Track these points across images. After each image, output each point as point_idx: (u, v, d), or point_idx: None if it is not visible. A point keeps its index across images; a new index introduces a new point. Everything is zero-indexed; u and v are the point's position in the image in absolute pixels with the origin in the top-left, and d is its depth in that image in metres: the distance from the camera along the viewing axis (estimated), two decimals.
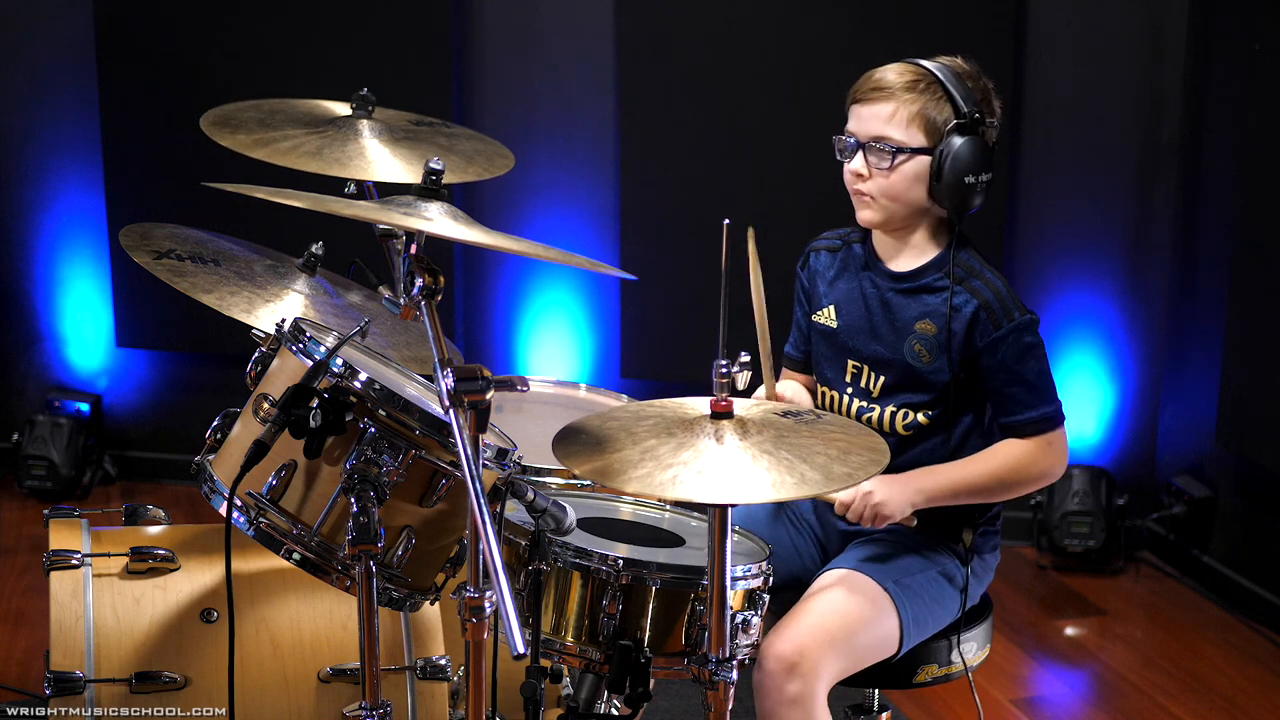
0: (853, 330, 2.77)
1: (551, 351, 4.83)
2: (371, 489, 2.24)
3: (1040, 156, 4.56)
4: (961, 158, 2.63)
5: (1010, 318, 2.66)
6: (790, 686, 2.51)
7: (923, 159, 2.65)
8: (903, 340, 2.71)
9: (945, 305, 2.68)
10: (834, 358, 2.80)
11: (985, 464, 2.70)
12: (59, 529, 2.68)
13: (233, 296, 2.73)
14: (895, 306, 2.73)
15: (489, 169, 2.98)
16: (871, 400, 2.74)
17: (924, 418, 2.71)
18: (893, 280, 2.74)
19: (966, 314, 2.67)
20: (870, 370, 2.75)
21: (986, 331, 2.66)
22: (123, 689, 2.51)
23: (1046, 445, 2.70)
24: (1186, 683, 3.95)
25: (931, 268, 2.72)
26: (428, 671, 2.63)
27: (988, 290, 2.68)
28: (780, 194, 4.55)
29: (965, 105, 2.64)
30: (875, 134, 2.66)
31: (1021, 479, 2.70)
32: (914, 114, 2.64)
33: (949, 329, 2.67)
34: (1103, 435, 4.69)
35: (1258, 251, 4.20)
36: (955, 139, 2.63)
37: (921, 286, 2.72)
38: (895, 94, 2.65)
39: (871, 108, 2.67)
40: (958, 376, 2.68)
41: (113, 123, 4.70)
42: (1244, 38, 4.23)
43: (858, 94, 2.70)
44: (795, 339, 2.91)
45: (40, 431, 4.78)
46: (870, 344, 2.75)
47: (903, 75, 2.66)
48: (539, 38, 4.70)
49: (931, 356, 2.69)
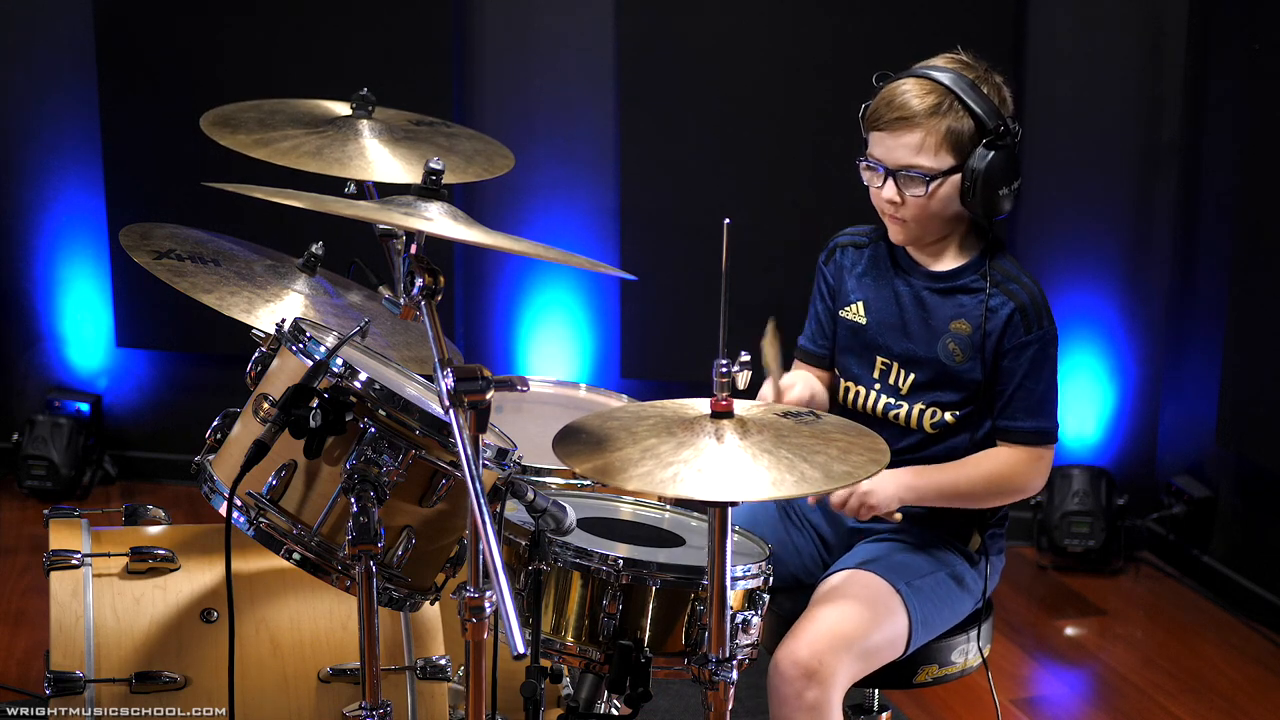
0: (883, 327, 2.77)
1: (551, 351, 4.83)
2: (371, 489, 2.24)
3: (1040, 156, 4.56)
4: (992, 172, 2.62)
5: (1040, 325, 2.68)
6: (809, 694, 2.51)
7: (955, 178, 2.64)
8: (936, 339, 2.71)
9: (981, 306, 2.68)
10: (861, 353, 2.80)
11: (976, 469, 2.71)
12: (59, 529, 2.68)
13: (233, 296, 2.73)
14: (930, 305, 2.73)
15: (489, 169, 2.98)
16: (900, 397, 2.75)
17: (951, 417, 2.72)
18: (929, 279, 2.74)
19: (1002, 315, 2.67)
20: (900, 367, 2.75)
21: (1017, 333, 2.67)
22: (123, 689, 2.51)
23: (1037, 459, 2.71)
24: (1186, 683, 3.95)
25: (969, 269, 2.72)
26: (428, 671, 2.63)
27: (1024, 294, 2.68)
28: (780, 194, 4.55)
29: (988, 119, 2.62)
30: (905, 163, 2.64)
31: (1007, 488, 2.72)
32: (941, 138, 2.62)
33: (984, 329, 2.67)
34: (1103, 435, 4.69)
35: (1258, 251, 4.20)
36: (983, 154, 2.62)
37: (958, 287, 2.72)
38: (921, 121, 2.62)
39: (898, 137, 2.64)
40: (989, 377, 2.69)
41: (113, 123, 4.69)
42: (1244, 38, 4.23)
43: (881, 121, 2.66)
44: (812, 332, 2.89)
45: (40, 431, 4.78)
46: (902, 341, 2.75)
47: (924, 99, 2.62)
48: (539, 38, 4.70)
49: (965, 356, 2.69)
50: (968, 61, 2.68)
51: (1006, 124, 2.64)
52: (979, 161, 2.62)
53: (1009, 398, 2.69)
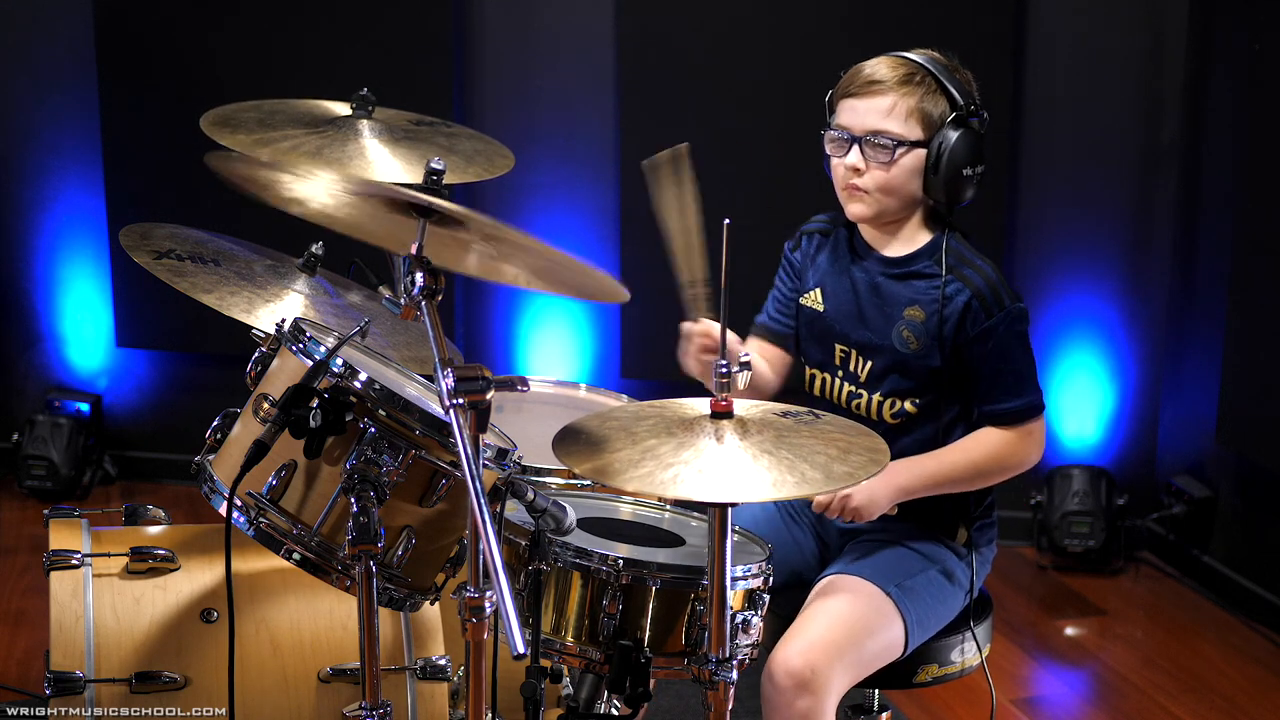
0: (840, 315, 2.77)
1: (551, 351, 4.83)
2: (371, 489, 2.24)
3: (1040, 157, 4.56)
4: (958, 150, 2.64)
5: (1001, 306, 2.67)
6: (801, 702, 2.51)
7: (919, 152, 2.66)
8: (891, 326, 2.72)
9: (935, 291, 2.68)
10: (821, 341, 2.80)
11: (965, 454, 2.70)
12: (59, 529, 2.68)
13: (233, 296, 2.73)
14: (885, 291, 2.73)
15: (489, 169, 2.98)
16: (859, 385, 2.75)
17: (911, 406, 2.71)
18: (883, 265, 2.75)
19: (959, 303, 2.67)
20: (858, 355, 2.75)
21: (979, 320, 2.67)
22: (123, 689, 2.51)
23: (1027, 435, 2.71)
24: (1186, 683, 3.95)
25: (923, 254, 2.72)
26: (428, 671, 2.63)
27: (978, 278, 2.68)
28: (780, 193, 4.55)
29: (960, 98, 2.66)
30: (873, 128, 2.67)
31: (1000, 468, 2.71)
32: (912, 107, 2.65)
33: (941, 316, 2.67)
34: (1103, 435, 4.69)
35: (1258, 252, 4.20)
36: (951, 132, 2.64)
37: (912, 272, 2.72)
38: (892, 88, 2.66)
39: (868, 101, 2.67)
40: (947, 365, 2.69)
41: (113, 123, 4.70)
42: (1243, 38, 4.23)
43: (851, 88, 2.70)
44: (772, 308, 2.89)
45: (40, 431, 4.78)
46: (858, 329, 2.75)
47: (896, 70, 2.67)
48: (539, 38, 4.70)
49: (919, 343, 2.69)
50: (939, 55, 2.72)
51: (977, 109, 2.66)
52: (946, 139, 2.64)
53: (989, 383, 2.68)
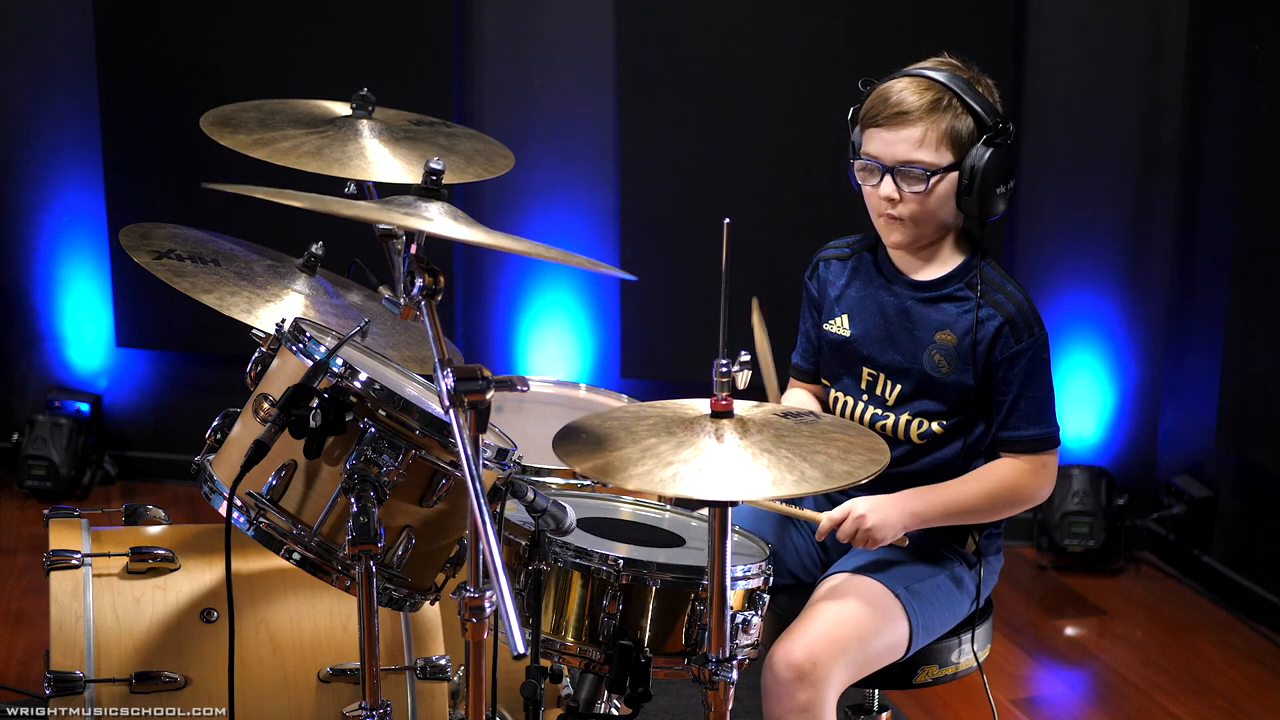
0: (868, 339, 2.75)
1: (551, 351, 4.83)
2: (371, 489, 2.24)
3: (1040, 156, 4.56)
4: (990, 169, 2.61)
5: (1031, 332, 2.66)
6: (801, 695, 2.50)
7: (952, 176, 2.64)
8: (922, 350, 2.70)
9: (966, 316, 2.67)
10: (847, 366, 2.78)
11: (979, 484, 2.68)
12: (59, 529, 2.68)
13: (233, 296, 2.73)
14: (915, 316, 2.72)
15: (489, 169, 2.97)
16: (886, 408, 2.74)
17: (938, 427, 2.70)
18: (914, 289, 2.73)
19: (990, 329, 2.66)
20: (886, 379, 2.74)
21: (1008, 345, 2.65)
22: (123, 689, 2.51)
23: (1041, 466, 2.69)
24: (1186, 683, 3.95)
25: (954, 278, 2.71)
26: (428, 671, 2.63)
27: (1010, 304, 2.67)
28: (780, 194, 4.55)
29: (987, 116, 2.62)
30: (905, 159, 2.63)
31: (1013, 500, 2.69)
32: (942, 134, 2.62)
33: (974, 341, 2.66)
34: (1103, 435, 4.69)
35: (1258, 252, 4.20)
36: (982, 151, 2.62)
37: (943, 296, 2.71)
38: (921, 117, 2.61)
39: (897, 132, 2.63)
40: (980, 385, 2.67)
41: (113, 123, 4.69)
42: (1243, 38, 4.23)
43: (878, 118, 2.64)
44: (804, 349, 2.88)
45: (40, 431, 4.78)
46: (887, 352, 2.74)
47: (922, 96, 2.62)
48: (539, 38, 4.70)
49: (950, 367, 2.68)
50: (958, 64, 2.69)
51: (1003, 123, 2.64)
52: (977, 159, 2.62)
53: (1009, 409, 2.67)
